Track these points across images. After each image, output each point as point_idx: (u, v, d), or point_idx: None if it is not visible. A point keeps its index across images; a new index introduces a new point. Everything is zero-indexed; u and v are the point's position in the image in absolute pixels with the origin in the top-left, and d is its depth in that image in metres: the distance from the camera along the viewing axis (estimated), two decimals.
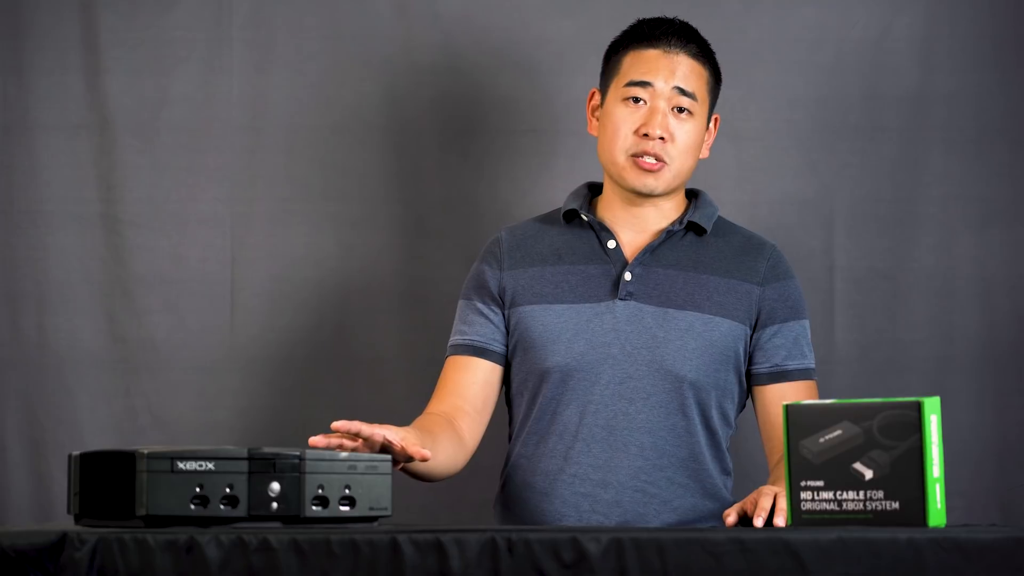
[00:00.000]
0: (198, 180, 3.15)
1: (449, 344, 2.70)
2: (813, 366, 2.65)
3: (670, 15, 2.68)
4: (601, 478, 2.58)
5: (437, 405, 2.64)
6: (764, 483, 2.53)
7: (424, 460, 2.27)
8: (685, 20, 2.65)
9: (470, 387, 2.65)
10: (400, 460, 2.28)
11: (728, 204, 2.99)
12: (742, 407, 2.68)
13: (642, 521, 2.57)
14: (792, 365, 2.63)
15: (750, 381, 2.65)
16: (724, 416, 2.63)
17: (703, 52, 2.65)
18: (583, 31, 2.77)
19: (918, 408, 1.98)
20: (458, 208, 3.15)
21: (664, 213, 2.67)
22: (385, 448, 2.24)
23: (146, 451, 1.92)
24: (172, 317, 3.13)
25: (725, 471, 2.63)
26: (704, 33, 2.65)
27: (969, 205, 3.14)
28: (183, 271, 3.14)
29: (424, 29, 3.16)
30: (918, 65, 3.15)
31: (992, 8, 3.14)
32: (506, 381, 2.70)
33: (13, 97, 3.14)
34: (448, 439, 2.55)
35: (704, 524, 2.59)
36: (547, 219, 2.74)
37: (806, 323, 2.66)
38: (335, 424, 2.21)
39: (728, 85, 3.08)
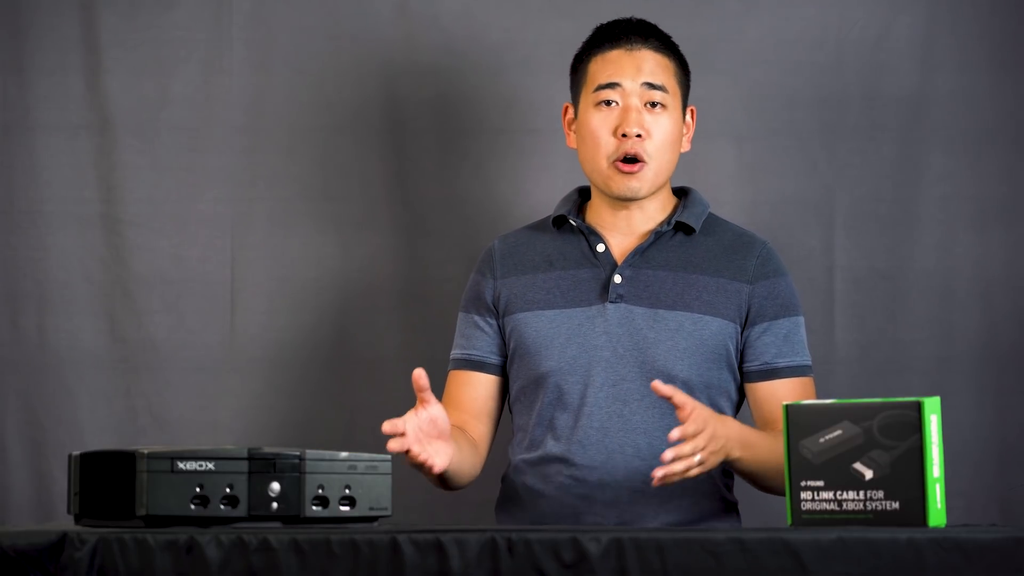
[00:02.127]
0: (198, 180, 3.15)
1: (451, 357, 2.73)
2: (807, 363, 2.64)
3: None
4: (598, 480, 2.58)
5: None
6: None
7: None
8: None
9: (474, 401, 2.68)
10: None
11: (728, 204, 2.98)
12: (740, 404, 2.68)
13: (641, 522, 2.57)
14: (783, 363, 2.62)
15: (742, 379, 2.65)
16: (721, 414, 2.62)
17: (665, 45, 2.66)
18: (583, 31, 2.76)
19: (918, 408, 1.98)
20: (458, 208, 3.15)
21: (650, 214, 2.67)
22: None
23: (146, 451, 1.92)
24: (172, 317, 3.13)
25: (725, 470, 2.63)
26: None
27: (969, 205, 3.13)
28: (183, 271, 3.14)
29: (424, 29, 3.16)
30: (918, 65, 3.14)
31: (992, 8, 3.14)
32: (508, 387, 2.71)
33: (13, 97, 3.14)
34: (469, 449, 2.58)
35: (704, 524, 2.59)
36: (538, 226, 2.75)
37: (799, 320, 2.65)
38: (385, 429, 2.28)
39: (728, 85, 3.07)
